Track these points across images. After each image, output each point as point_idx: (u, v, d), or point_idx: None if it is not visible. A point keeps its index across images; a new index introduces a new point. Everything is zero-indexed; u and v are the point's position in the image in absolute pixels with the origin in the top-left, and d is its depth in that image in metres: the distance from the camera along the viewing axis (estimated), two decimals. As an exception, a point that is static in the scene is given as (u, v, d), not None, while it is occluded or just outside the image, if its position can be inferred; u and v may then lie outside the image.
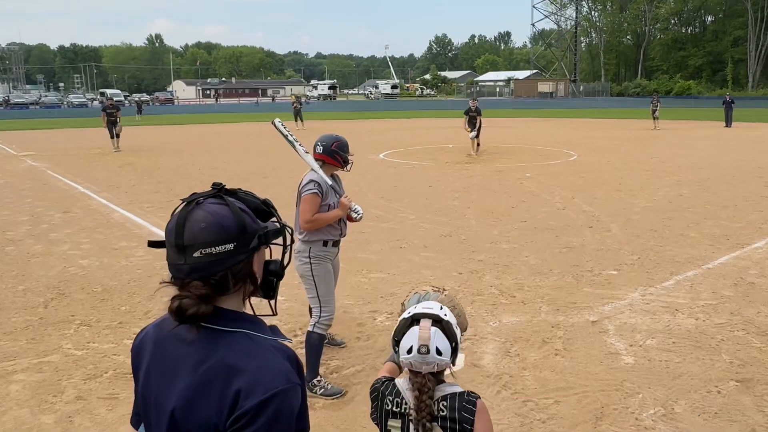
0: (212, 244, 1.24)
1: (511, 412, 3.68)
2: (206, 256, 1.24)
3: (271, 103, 79.47)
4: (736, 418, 3.57)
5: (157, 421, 1.28)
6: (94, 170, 15.42)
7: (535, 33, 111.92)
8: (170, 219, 1.29)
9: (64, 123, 37.88)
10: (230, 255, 1.26)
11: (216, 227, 1.24)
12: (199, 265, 1.25)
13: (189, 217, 1.25)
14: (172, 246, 1.28)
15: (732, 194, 10.83)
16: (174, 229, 1.26)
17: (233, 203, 1.29)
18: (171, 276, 1.31)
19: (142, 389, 1.33)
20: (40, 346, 4.73)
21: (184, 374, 1.24)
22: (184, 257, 1.26)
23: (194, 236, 1.24)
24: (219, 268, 1.26)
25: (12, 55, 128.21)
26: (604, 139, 23.11)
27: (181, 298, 1.26)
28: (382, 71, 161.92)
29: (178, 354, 1.28)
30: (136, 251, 7.49)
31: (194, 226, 1.24)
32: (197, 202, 1.27)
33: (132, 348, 1.41)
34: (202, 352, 1.25)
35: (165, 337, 1.33)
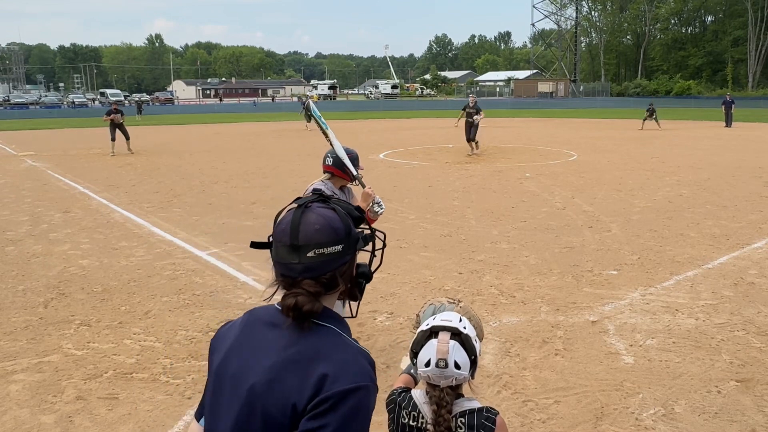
0: (324, 245, 1.33)
1: (511, 412, 3.68)
2: (319, 256, 1.33)
3: (271, 103, 79.40)
4: (736, 418, 3.57)
5: (231, 399, 1.32)
6: (94, 170, 15.42)
7: (535, 33, 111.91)
8: (279, 221, 1.39)
9: (64, 123, 37.88)
10: (339, 256, 1.36)
11: (328, 229, 1.34)
12: (312, 264, 1.33)
13: (303, 220, 1.35)
14: (285, 246, 1.35)
15: (732, 194, 10.83)
16: (288, 230, 1.34)
17: (339, 208, 1.40)
18: (279, 274, 1.37)
19: (217, 369, 1.38)
20: (40, 346, 4.73)
21: (271, 353, 1.31)
22: (298, 257, 1.34)
23: (309, 237, 1.33)
24: (329, 267, 1.35)
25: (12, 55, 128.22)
26: (604, 139, 23.11)
27: (296, 295, 1.32)
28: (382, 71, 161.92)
29: (267, 335, 1.35)
30: (136, 251, 7.50)
31: (308, 227, 1.34)
32: (307, 206, 1.38)
33: (213, 339, 1.47)
34: (293, 336, 1.31)
35: (255, 321, 1.40)
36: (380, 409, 1.65)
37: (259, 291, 5.96)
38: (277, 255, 1.36)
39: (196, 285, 6.15)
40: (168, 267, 6.79)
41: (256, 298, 5.74)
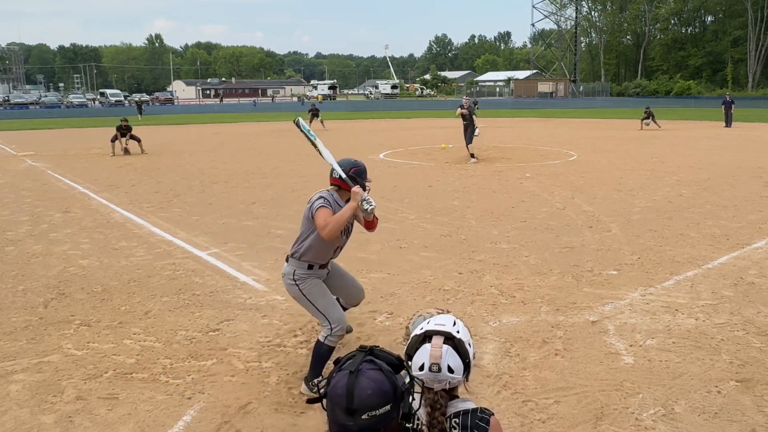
0: (376, 407, 1.52)
1: (511, 412, 3.68)
2: (371, 418, 1.51)
3: (271, 103, 79.39)
4: (736, 418, 3.57)
5: None
6: (94, 170, 15.42)
7: (535, 33, 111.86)
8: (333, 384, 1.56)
9: (64, 123, 37.88)
10: (388, 414, 1.53)
11: (379, 393, 1.52)
12: (366, 424, 1.51)
13: (356, 385, 1.52)
14: (341, 408, 1.52)
15: (732, 194, 10.83)
16: (345, 396, 1.52)
17: (384, 367, 1.57)
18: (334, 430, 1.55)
19: None
20: (40, 346, 4.73)
21: None
22: (354, 419, 1.52)
23: (363, 402, 1.51)
24: (380, 426, 1.53)
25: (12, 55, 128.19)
26: (604, 139, 23.12)
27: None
28: (382, 71, 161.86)
29: None
30: (136, 251, 7.50)
31: (362, 393, 1.52)
32: (358, 371, 1.54)
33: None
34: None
35: None
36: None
37: (259, 291, 5.96)
38: (333, 415, 1.54)
39: (196, 285, 6.15)
40: (168, 267, 6.79)
41: (256, 298, 5.75)
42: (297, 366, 4.31)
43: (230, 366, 4.34)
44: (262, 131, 29.63)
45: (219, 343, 4.75)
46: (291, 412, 3.73)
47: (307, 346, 4.67)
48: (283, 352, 4.57)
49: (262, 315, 5.33)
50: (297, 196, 11.18)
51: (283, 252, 4.31)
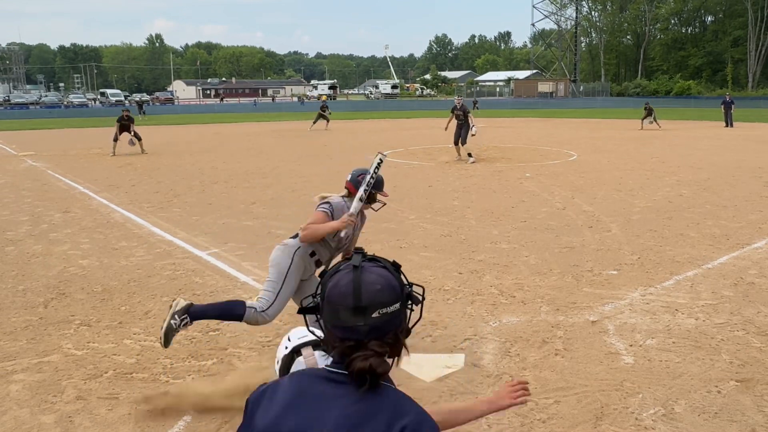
0: (387, 304, 1.34)
1: (511, 412, 3.68)
2: (383, 316, 1.34)
3: (271, 103, 79.40)
4: (736, 418, 3.57)
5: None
6: (94, 170, 15.42)
7: (535, 33, 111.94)
8: (333, 284, 1.37)
9: (64, 123, 37.89)
10: (398, 313, 1.37)
11: (389, 288, 1.36)
12: (377, 324, 1.34)
13: (362, 281, 1.35)
14: (348, 309, 1.33)
15: (732, 194, 10.83)
16: (351, 293, 1.33)
17: (388, 265, 1.41)
18: (339, 339, 1.36)
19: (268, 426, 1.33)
20: (40, 346, 4.73)
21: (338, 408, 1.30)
22: (363, 318, 1.33)
23: (372, 298, 1.33)
24: (391, 326, 1.36)
25: (12, 55, 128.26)
26: (604, 139, 23.11)
27: (367, 357, 1.31)
28: (382, 71, 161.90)
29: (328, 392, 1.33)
30: (136, 251, 7.50)
31: (370, 288, 1.34)
32: (361, 266, 1.37)
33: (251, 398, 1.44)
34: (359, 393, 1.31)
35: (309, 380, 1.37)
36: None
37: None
38: (337, 318, 1.35)
39: (196, 285, 6.15)
40: (168, 267, 6.79)
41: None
42: (297, 366, 4.31)
43: (230, 366, 4.34)
44: (262, 131, 29.63)
45: (219, 343, 4.75)
46: (291, 412, 3.73)
47: (307, 346, 4.67)
48: (283, 352, 4.57)
49: (262, 315, 5.33)
50: (297, 196, 11.19)
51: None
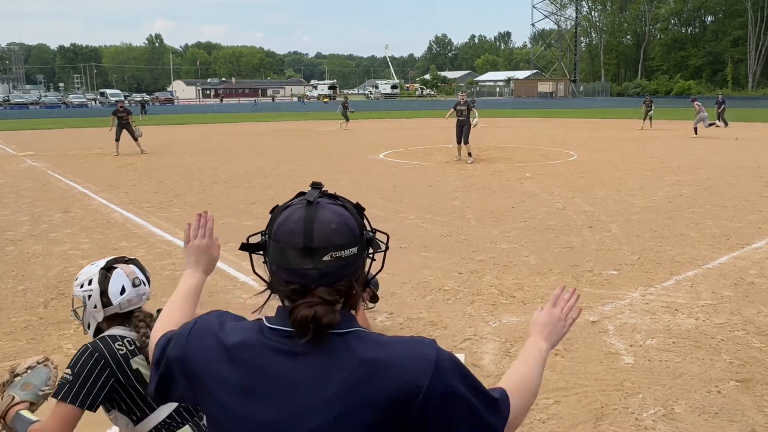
0: (342, 247, 1.16)
1: (511, 412, 3.68)
2: (336, 260, 1.16)
3: (271, 103, 79.38)
4: (736, 418, 3.57)
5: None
6: (94, 170, 15.42)
7: (535, 33, 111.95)
8: (282, 221, 1.19)
9: (64, 123, 37.89)
10: (355, 259, 1.19)
11: (345, 229, 1.17)
12: (329, 269, 1.16)
13: (316, 218, 1.16)
14: (295, 249, 1.15)
15: (732, 194, 10.83)
16: (301, 231, 1.15)
17: (348, 204, 1.22)
18: (284, 281, 1.20)
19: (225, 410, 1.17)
20: (40, 346, 4.72)
21: (316, 389, 1.13)
22: (313, 261, 1.15)
23: (325, 238, 1.15)
24: (345, 273, 1.18)
25: (12, 55, 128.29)
26: (604, 139, 23.11)
27: (312, 305, 1.13)
28: (382, 71, 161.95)
29: (292, 366, 1.15)
30: (136, 251, 7.49)
31: (324, 227, 1.15)
32: (316, 203, 1.18)
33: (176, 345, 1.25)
34: (329, 360, 1.14)
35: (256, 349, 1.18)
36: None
37: (259, 291, 5.95)
38: (283, 259, 1.17)
39: (196, 285, 6.14)
40: (168, 267, 6.79)
41: (257, 298, 5.73)
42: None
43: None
44: (262, 131, 29.63)
45: (219, 343, 4.74)
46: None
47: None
48: (283, 352, 4.56)
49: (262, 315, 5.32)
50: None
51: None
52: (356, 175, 13.92)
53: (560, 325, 1.47)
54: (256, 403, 1.15)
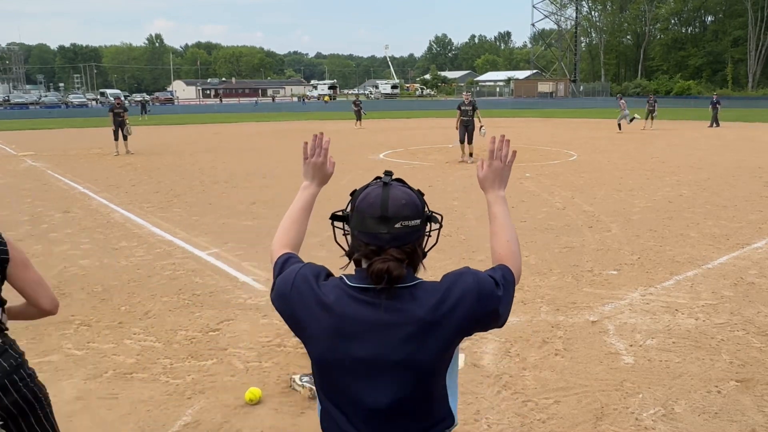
0: (409, 218, 1.51)
1: (511, 412, 3.68)
2: (404, 228, 1.50)
3: (272, 103, 79.39)
4: (736, 418, 3.57)
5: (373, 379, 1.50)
6: (94, 170, 15.42)
7: (535, 33, 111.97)
8: (363, 196, 1.54)
9: (64, 123, 37.88)
10: (417, 229, 1.53)
11: (412, 205, 1.52)
12: (399, 234, 1.49)
13: (390, 195, 1.51)
14: (374, 218, 1.50)
15: (732, 194, 10.83)
16: (379, 204, 1.50)
17: (413, 188, 1.59)
18: (364, 244, 1.52)
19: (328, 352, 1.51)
20: (40, 346, 4.73)
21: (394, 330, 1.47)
22: (387, 227, 1.49)
23: (396, 210, 1.49)
24: (411, 239, 1.52)
25: (12, 55, 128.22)
26: (604, 139, 23.11)
27: (386, 261, 1.46)
28: (382, 71, 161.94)
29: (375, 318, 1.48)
30: (136, 251, 7.50)
31: (396, 202, 1.50)
32: (387, 183, 1.54)
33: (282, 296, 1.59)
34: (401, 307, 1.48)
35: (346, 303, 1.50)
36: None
37: (259, 291, 5.96)
38: (363, 225, 1.51)
39: (196, 285, 6.15)
40: (168, 267, 6.79)
41: (256, 298, 5.75)
42: (297, 366, 4.31)
43: (230, 366, 4.34)
44: (262, 131, 29.63)
45: (219, 343, 4.75)
46: (291, 412, 3.73)
47: (307, 346, 4.67)
48: (283, 352, 4.57)
49: (262, 315, 5.33)
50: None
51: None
52: (356, 174, 13.91)
53: (505, 172, 1.79)
54: (349, 344, 1.49)
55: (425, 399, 1.52)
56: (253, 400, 3.79)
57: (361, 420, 1.53)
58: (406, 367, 1.48)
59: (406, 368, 1.48)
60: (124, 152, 18.87)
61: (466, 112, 15.99)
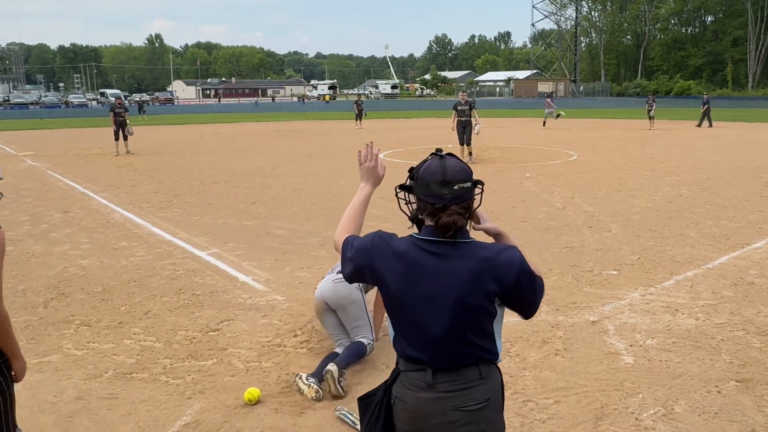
0: (463, 181, 1.90)
1: (511, 412, 3.68)
2: (461, 189, 1.90)
3: (272, 103, 79.36)
4: (736, 418, 3.57)
5: (434, 313, 1.90)
6: (94, 170, 15.42)
7: (535, 33, 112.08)
8: (424, 167, 1.94)
9: (64, 123, 37.88)
10: (470, 189, 1.93)
11: (464, 171, 1.93)
12: (458, 194, 1.89)
13: (447, 164, 1.91)
14: (437, 182, 1.89)
15: (732, 194, 10.83)
16: (440, 171, 1.90)
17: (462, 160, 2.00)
18: (430, 204, 1.90)
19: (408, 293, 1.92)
20: (40, 346, 4.73)
21: (456, 271, 1.88)
22: (448, 189, 1.88)
23: (454, 175, 1.90)
24: (466, 197, 1.92)
25: (12, 55, 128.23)
26: (604, 139, 23.11)
27: (452, 214, 1.87)
28: (382, 71, 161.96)
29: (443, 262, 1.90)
30: (136, 251, 7.49)
31: (452, 168, 1.91)
32: (442, 156, 1.94)
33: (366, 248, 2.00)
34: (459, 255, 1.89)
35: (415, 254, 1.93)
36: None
37: (259, 291, 5.96)
38: (428, 190, 1.90)
39: (196, 285, 6.15)
40: (168, 267, 6.79)
41: (256, 298, 5.75)
42: (297, 366, 4.31)
43: (230, 366, 4.34)
44: (262, 131, 29.63)
45: (219, 343, 4.75)
46: (291, 412, 3.73)
47: (307, 346, 4.67)
48: (283, 352, 4.57)
49: (262, 315, 5.33)
50: (297, 196, 11.19)
51: (282, 252, 4.31)
52: (356, 174, 13.82)
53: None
54: (416, 285, 1.91)
55: (474, 332, 1.90)
56: (252, 401, 3.79)
57: (423, 344, 1.93)
58: (459, 306, 1.87)
59: (459, 307, 1.87)
60: (125, 152, 18.90)
61: (464, 112, 15.60)
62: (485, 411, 1.93)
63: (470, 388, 1.92)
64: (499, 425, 2.00)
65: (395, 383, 2.05)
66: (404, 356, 2.00)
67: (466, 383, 1.92)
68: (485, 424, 1.93)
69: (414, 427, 1.98)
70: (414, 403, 1.96)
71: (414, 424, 1.97)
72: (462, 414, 1.91)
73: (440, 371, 1.93)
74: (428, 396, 1.94)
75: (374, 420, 2.06)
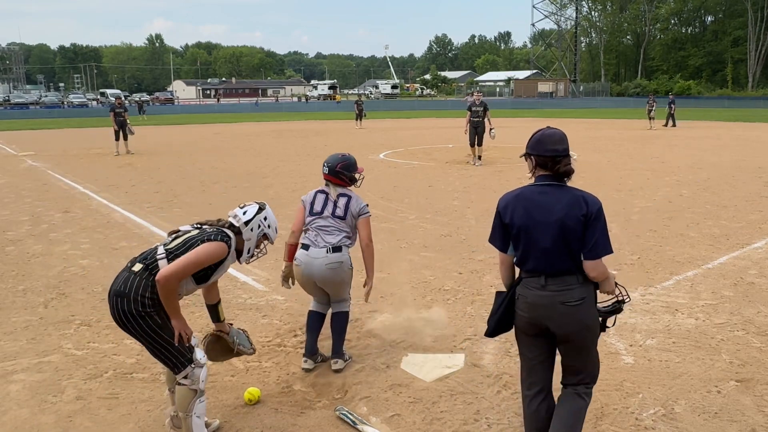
0: (565, 143, 2.80)
1: (511, 412, 3.68)
2: (564, 150, 2.77)
3: (272, 102, 79.37)
4: (736, 418, 3.57)
5: (545, 232, 2.73)
6: (94, 170, 15.42)
7: (535, 33, 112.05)
8: (539, 135, 2.83)
9: (64, 123, 37.89)
10: (568, 152, 2.79)
11: (564, 137, 2.82)
12: (567, 150, 2.79)
13: (548, 133, 2.81)
14: (554, 141, 2.77)
15: (732, 194, 10.83)
16: (556, 134, 2.80)
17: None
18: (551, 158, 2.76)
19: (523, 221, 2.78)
20: (40, 346, 4.73)
21: (558, 204, 2.73)
22: (563, 146, 2.77)
23: (563, 137, 2.81)
24: (567, 154, 2.78)
25: (12, 55, 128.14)
26: (604, 139, 23.11)
27: (567, 164, 2.77)
28: (382, 71, 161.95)
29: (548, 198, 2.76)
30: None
31: (556, 136, 2.79)
32: (549, 126, 2.85)
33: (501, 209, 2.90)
34: (562, 192, 2.76)
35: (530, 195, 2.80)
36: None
37: (259, 291, 5.96)
38: (546, 150, 2.75)
39: (196, 285, 6.14)
40: (168, 267, 6.78)
41: (256, 298, 5.75)
42: (297, 366, 4.31)
43: (230, 366, 4.34)
44: (262, 131, 29.64)
45: (219, 343, 4.74)
46: (291, 412, 3.73)
47: (307, 346, 4.66)
48: (283, 352, 4.57)
49: (262, 315, 5.34)
50: (297, 196, 11.16)
51: (282, 252, 4.32)
52: (356, 175, 13.91)
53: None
54: (533, 213, 2.76)
55: (574, 245, 2.72)
56: (252, 401, 3.79)
57: (536, 255, 2.77)
58: (561, 226, 2.69)
59: (561, 227, 2.70)
60: (125, 152, 18.90)
61: (477, 113, 15.53)
62: (582, 306, 2.79)
63: (571, 289, 2.76)
64: (591, 315, 2.86)
65: (518, 285, 2.89)
66: (525, 267, 2.84)
67: (568, 285, 2.76)
68: (582, 314, 2.79)
69: (531, 314, 2.83)
70: (532, 299, 2.82)
71: (531, 312, 2.82)
72: (566, 308, 2.76)
73: (550, 276, 2.76)
74: (542, 293, 2.79)
75: (503, 307, 2.92)
